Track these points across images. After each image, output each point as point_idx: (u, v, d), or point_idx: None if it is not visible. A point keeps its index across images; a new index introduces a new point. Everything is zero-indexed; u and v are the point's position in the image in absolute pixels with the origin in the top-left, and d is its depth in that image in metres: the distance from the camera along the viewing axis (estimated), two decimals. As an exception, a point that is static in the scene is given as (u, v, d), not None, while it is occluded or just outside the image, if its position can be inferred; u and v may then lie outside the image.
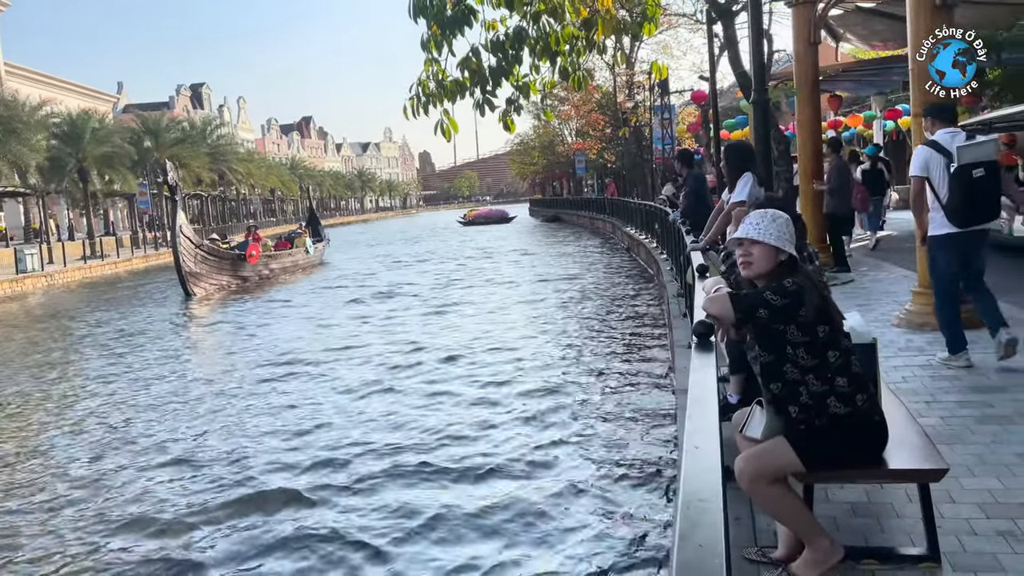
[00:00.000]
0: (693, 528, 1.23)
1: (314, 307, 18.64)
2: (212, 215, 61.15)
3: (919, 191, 5.55)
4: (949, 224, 5.34)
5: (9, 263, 30.22)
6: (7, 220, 47.61)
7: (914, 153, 5.67)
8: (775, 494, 2.85)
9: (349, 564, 5.21)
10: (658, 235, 17.73)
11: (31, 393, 11.09)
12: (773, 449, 2.86)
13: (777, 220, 2.99)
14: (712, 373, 2.14)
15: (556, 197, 69.10)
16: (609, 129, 40.83)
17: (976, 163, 5.15)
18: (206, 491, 6.64)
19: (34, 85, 53.35)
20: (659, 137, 27.06)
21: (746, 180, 5.70)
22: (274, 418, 8.88)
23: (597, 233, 37.28)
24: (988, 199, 5.25)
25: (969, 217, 5.27)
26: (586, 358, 10.85)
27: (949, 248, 5.42)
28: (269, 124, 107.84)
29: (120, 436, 8.59)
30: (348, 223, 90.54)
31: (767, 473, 2.84)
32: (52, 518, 6.30)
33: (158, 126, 49.91)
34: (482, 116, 4.52)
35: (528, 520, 5.58)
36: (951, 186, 5.25)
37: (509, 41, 4.30)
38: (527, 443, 7.29)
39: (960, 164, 5.18)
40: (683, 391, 5.65)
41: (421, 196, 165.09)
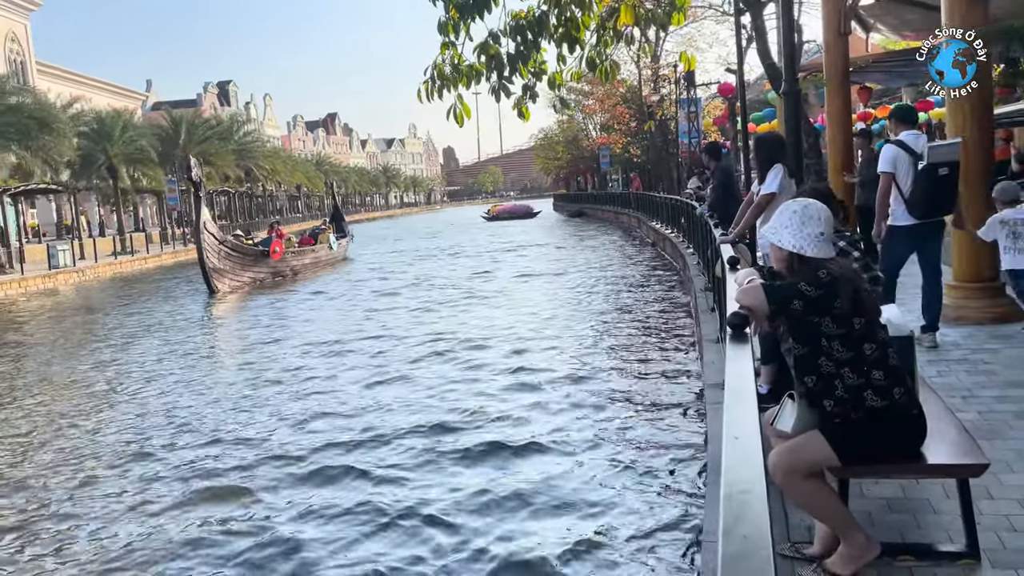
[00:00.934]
0: (737, 520, 1.20)
1: (340, 300, 18.80)
2: (239, 211, 61.71)
3: (888, 187, 5.99)
4: (909, 216, 5.86)
5: (42, 259, 30.73)
6: (39, 217, 48.42)
7: (882, 151, 6.20)
8: (810, 489, 2.81)
9: (412, 531, 5.47)
10: (684, 229, 17.60)
11: (68, 378, 11.32)
12: (808, 443, 2.82)
13: (795, 215, 2.91)
14: (748, 364, 2.11)
15: (580, 192, 68.87)
16: (634, 123, 40.60)
17: (942, 162, 5.73)
18: (264, 465, 7.07)
19: (65, 83, 54.16)
20: (685, 131, 26.84)
21: (776, 172, 5.62)
22: (305, 402, 9.12)
23: (622, 228, 37.12)
24: (947, 195, 5.83)
25: (928, 210, 5.81)
26: (613, 350, 10.81)
27: (906, 238, 5.93)
28: (295, 121, 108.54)
29: (175, 420, 8.85)
30: (373, 219, 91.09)
31: (801, 467, 2.80)
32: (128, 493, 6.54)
33: (186, 124, 50.42)
34: (497, 102, 4.51)
35: (563, 497, 5.60)
36: (916, 182, 5.82)
37: (528, 26, 4.26)
38: (557, 427, 7.35)
39: (928, 163, 5.74)
40: (712, 385, 5.62)
41: (445, 192, 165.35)
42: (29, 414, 9.69)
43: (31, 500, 6.69)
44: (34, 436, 8.68)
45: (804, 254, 2.86)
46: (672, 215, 21.43)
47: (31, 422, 9.29)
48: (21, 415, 9.68)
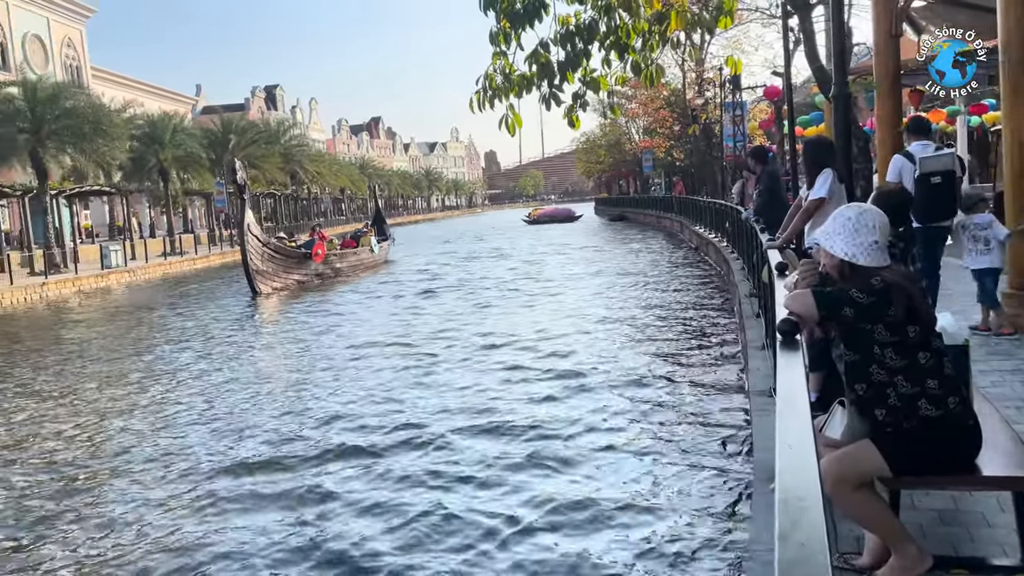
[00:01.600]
0: (794, 526, 1.20)
1: (383, 301, 19.00)
2: (284, 214, 62.71)
3: None
4: (916, 222, 6.05)
5: (95, 259, 31.60)
6: (93, 218, 49.79)
7: (891, 162, 6.72)
8: (860, 499, 2.77)
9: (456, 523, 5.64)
10: (729, 234, 17.42)
11: (119, 374, 11.64)
12: (859, 452, 2.78)
13: (848, 222, 2.88)
14: (800, 371, 2.09)
15: (622, 196, 68.54)
16: (678, 127, 40.29)
17: (935, 172, 6.17)
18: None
19: (119, 88, 55.64)
20: (730, 134, 26.56)
21: (825, 176, 5.55)
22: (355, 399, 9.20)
23: (664, 232, 36.87)
24: (943, 202, 6.23)
25: (928, 215, 6.12)
26: (656, 354, 10.75)
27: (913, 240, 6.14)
28: (339, 125, 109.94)
29: (223, 417, 9.10)
30: (415, 222, 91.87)
31: (852, 477, 2.76)
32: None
33: (235, 128, 51.41)
34: (547, 110, 4.52)
35: (606, 501, 5.58)
36: (915, 189, 6.15)
37: (578, 33, 4.27)
38: (600, 429, 7.36)
39: (921, 172, 6.19)
40: (757, 392, 5.57)
41: (486, 195, 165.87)
42: (79, 409, 10.00)
43: (78, 490, 6.93)
44: (86, 429, 8.95)
45: (856, 262, 2.83)
46: (716, 219, 21.23)
47: (84, 415, 9.58)
48: (73, 409, 9.99)
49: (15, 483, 7.22)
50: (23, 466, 7.80)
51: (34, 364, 13.59)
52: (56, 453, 8.12)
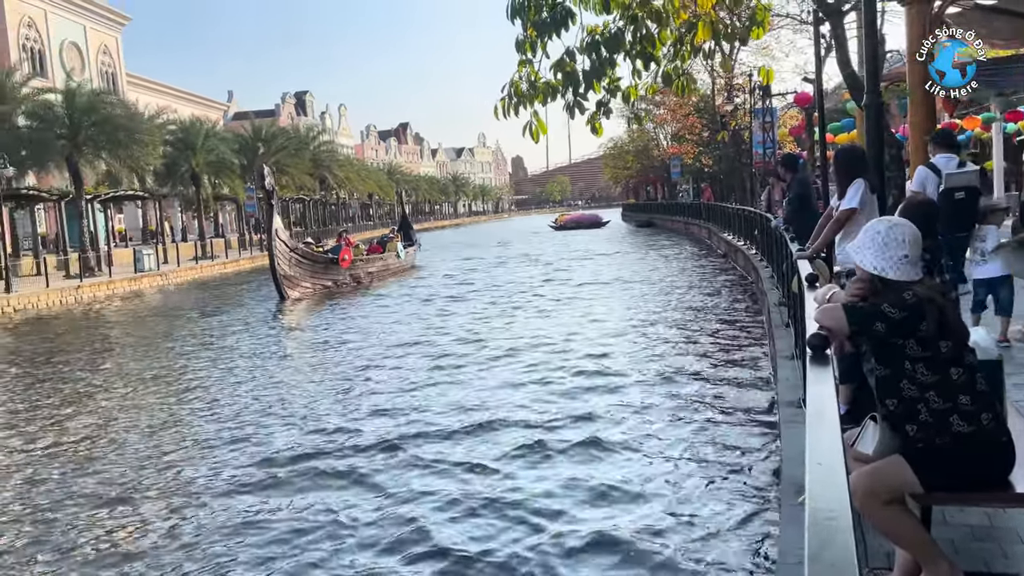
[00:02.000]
0: (823, 546, 1.21)
1: (410, 305, 19.11)
2: (313, 219, 63.31)
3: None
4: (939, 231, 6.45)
5: (128, 262, 32.14)
6: (126, 222, 50.65)
7: (916, 173, 6.96)
8: (890, 514, 2.75)
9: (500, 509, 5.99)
10: (758, 241, 17.28)
11: (151, 374, 11.84)
12: (889, 467, 2.76)
13: (878, 235, 2.86)
14: (830, 386, 2.09)
15: (650, 202, 68.29)
16: (706, 133, 40.09)
17: (959, 187, 6.43)
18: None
19: (152, 94, 56.61)
20: (759, 141, 26.37)
21: (857, 187, 5.49)
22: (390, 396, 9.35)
23: (692, 238, 36.67)
24: (965, 214, 6.45)
25: (950, 227, 6.22)
26: (683, 361, 10.71)
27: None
28: (368, 130, 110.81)
29: (258, 414, 9.32)
30: (441, 227, 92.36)
31: (882, 492, 2.74)
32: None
33: (265, 134, 52.07)
34: (571, 118, 4.54)
35: (631, 518, 5.57)
36: (939, 201, 6.26)
37: (604, 42, 4.29)
38: (627, 434, 7.36)
39: (946, 187, 6.45)
40: (786, 403, 5.53)
41: (513, 200, 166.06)
42: (114, 407, 10.19)
43: (112, 484, 7.11)
44: (118, 426, 9.12)
45: (886, 276, 2.81)
46: (745, 227, 21.07)
47: (116, 414, 9.77)
48: (108, 408, 10.19)
49: (63, 471, 7.47)
50: (74, 457, 8.09)
51: (73, 363, 13.87)
52: (107, 444, 8.36)
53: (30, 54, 45.52)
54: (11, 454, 8.47)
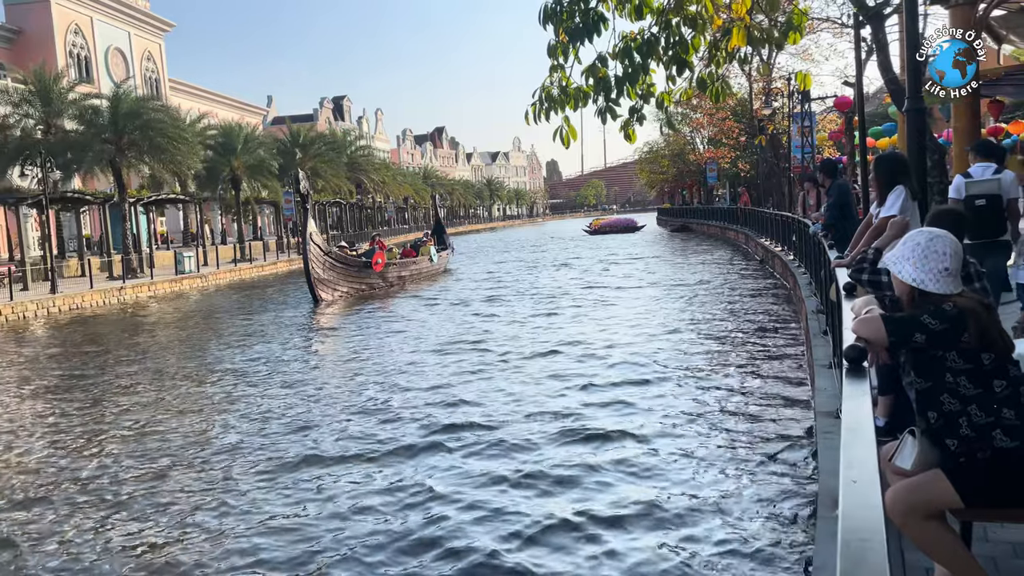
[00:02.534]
0: (855, 567, 1.18)
1: (443, 308, 19.18)
2: (349, 222, 63.92)
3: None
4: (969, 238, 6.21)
5: (169, 264, 32.76)
6: (168, 224, 51.61)
7: (953, 180, 7.08)
8: (929, 530, 2.68)
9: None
10: (796, 247, 17.05)
11: (192, 374, 12.06)
12: (928, 482, 2.69)
13: (918, 247, 2.79)
14: (867, 400, 2.04)
15: (685, 206, 67.73)
16: (743, 137, 39.66)
17: (979, 195, 6.54)
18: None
19: (194, 100, 57.69)
20: (798, 145, 26.02)
21: (898, 193, 5.38)
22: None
23: (729, 244, 36.32)
24: (990, 222, 6.50)
25: (973, 234, 6.16)
26: (719, 366, 10.61)
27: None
28: (404, 135, 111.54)
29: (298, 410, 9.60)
30: (476, 231, 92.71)
31: (921, 507, 2.68)
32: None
33: (303, 138, 52.74)
34: (603, 124, 4.52)
35: (662, 526, 5.52)
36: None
37: (637, 48, 4.26)
38: (662, 439, 7.32)
39: (967, 194, 6.57)
40: (823, 413, 5.44)
41: (547, 205, 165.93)
42: (157, 405, 10.38)
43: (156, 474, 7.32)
44: (165, 421, 9.30)
45: (925, 289, 2.75)
46: (783, 232, 20.80)
47: (161, 411, 9.95)
48: (151, 405, 10.39)
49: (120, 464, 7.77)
50: (127, 450, 8.45)
51: (117, 361, 14.17)
52: (149, 441, 8.58)
53: (77, 60, 46.67)
54: (76, 439, 8.73)
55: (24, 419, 10.39)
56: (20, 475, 7.81)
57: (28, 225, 35.55)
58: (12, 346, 17.51)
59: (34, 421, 10.24)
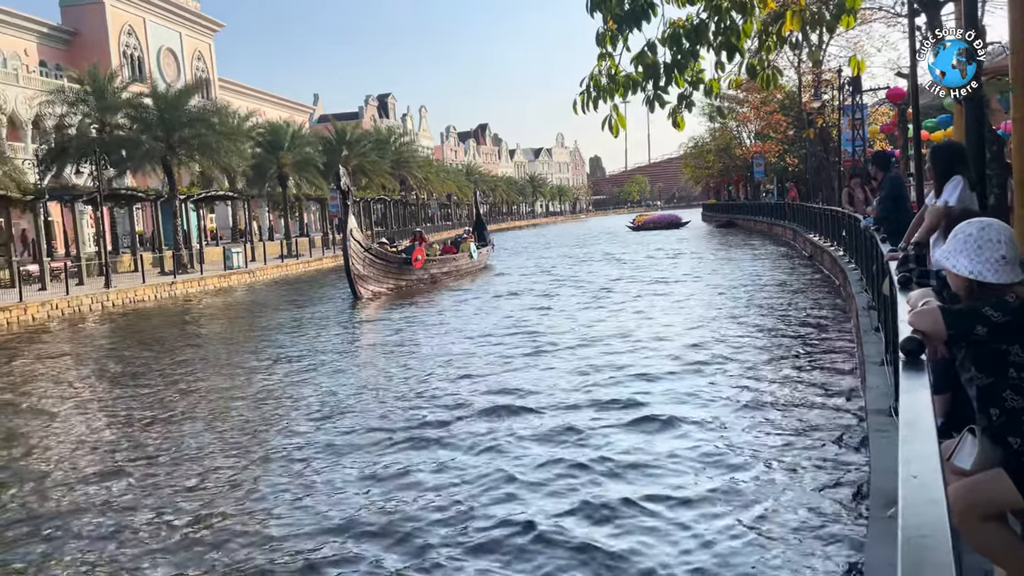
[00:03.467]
0: (917, 567, 1.11)
1: (484, 304, 19.19)
2: (394, 218, 64.45)
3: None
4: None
5: (218, 260, 33.40)
6: (217, 221, 52.66)
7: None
8: (990, 532, 2.56)
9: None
10: (845, 242, 16.67)
11: (241, 365, 12.29)
12: (990, 481, 2.57)
13: (970, 238, 2.66)
14: (926, 394, 1.94)
15: (731, 202, 66.82)
16: (791, 131, 38.93)
17: None
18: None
19: (242, 98, 58.69)
20: (848, 138, 25.41)
21: (955, 184, 5.17)
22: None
23: (776, 239, 35.74)
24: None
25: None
26: (766, 363, 10.42)
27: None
28: (448, 132, 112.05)
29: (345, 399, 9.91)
30: (517, 227, 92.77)
31: (980, 507, 2.55)
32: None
33: (348, 136, 53.31)
34: (651, 112, 4.42)
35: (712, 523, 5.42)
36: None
37: (686, 34, 4.16)
38: (708, 435, 7.22)
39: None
40: (875, 411, 5.28)
41: (590, 201, 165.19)
42: (207, 393, 10.61)
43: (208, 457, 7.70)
44: (215, 409, 9.50)
45: (984, 280, 2.61)
46: (832, 227, 20.36)
47: (212, 398, 10.18)
48: (210, 390, 10.66)
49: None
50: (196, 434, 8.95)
51: (173, 350, 14.50)
52: (203, 429, 8.86)
53: (130, 60, 47.83)
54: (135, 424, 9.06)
55: (99, 402, 11.05)
56: (101, 447, 8.58)
57: (84, 222, 36.63)
58: (76, 337, 18.15)
59: (108, 403, 10.88)
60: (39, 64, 42.81)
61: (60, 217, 36.66)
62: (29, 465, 8.03)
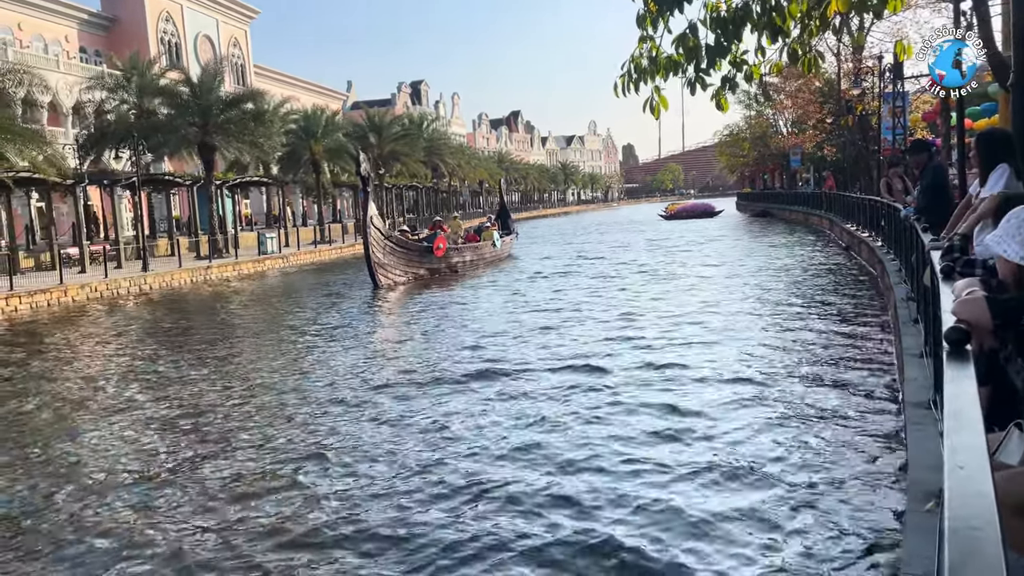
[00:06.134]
0: (966, 561, 1.07)
1: (511, 293, 19.18)
2: (425, 205, 64.66)
3: None
4: None
5: (252, 245, 33.78)
6: (252, 206, 53.24)
7: None
8: (1022, 529, 2.48)
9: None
10: (884, 233, 16.36)
11: (274, 347, 12.43)
12: (1028, 476, 2.49)
13: (1022, 222, 2.58)
14: (972, 384, 1.88)
15: (766, 191, 65.96)
16: (830, 119, 38.25)
17: None
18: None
19: (277, 85, 59.15)
20: (888, 127, 24.89)
21: (1001, 172, 5.04)
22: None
23: (812, 229, 35.23)
24: None
25: None
26: (801, 354, 10.29)
27: None
28: (480, 119, 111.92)
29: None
30: (547, 215, 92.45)
31: (1012, 501, 2.47)
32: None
33: (380, 123, 53.47)
34: (692, 94, 4.34)
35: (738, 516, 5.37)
36: None
37: (731, 16, 4.07)
38: (741, 429, 7.13)
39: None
40: (914, 404, 5.17)
41: (623, 189, 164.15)
42: (250, 364, 10.77)
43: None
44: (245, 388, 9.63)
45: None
46: (870, 217, 19.99)
47: (247, 377, 10.32)
48: (235, 373, 10.78)
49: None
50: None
51: (208, 330, 14.75)
52: (243, 404, 8.98)
53: (168, 47, 48.41)
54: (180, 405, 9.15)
55: (142, 376, 11.64)
56: (158, 416, 9.21)
57: (122, 206, 37.23)
58: (117, 318, 18.52)
59: (154, 378, 11.45)
60: (79, 51, 43.52)
61: (100, 201, 37.32)
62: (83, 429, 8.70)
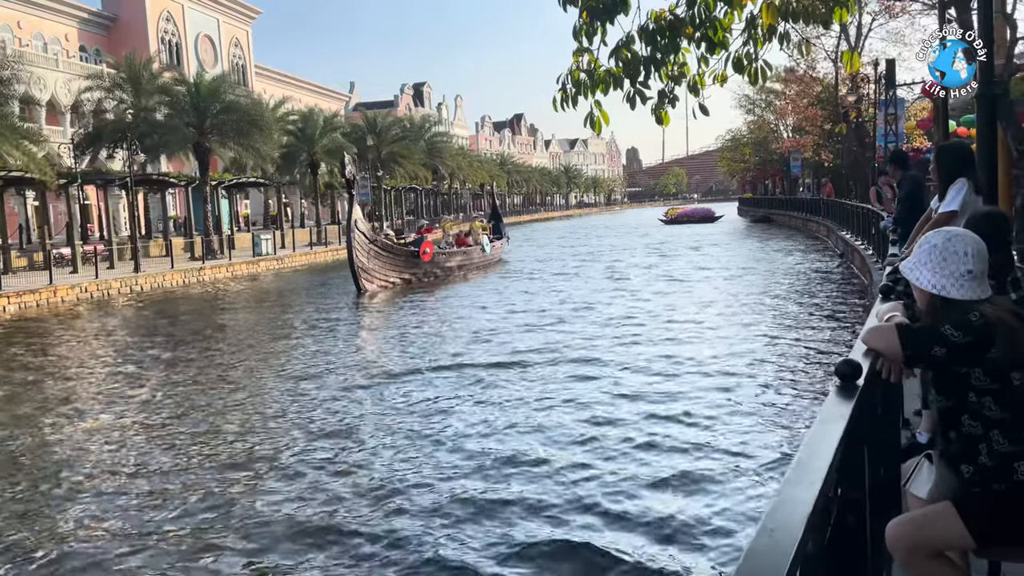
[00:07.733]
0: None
1: (506, 295, 19.09)
2: (425, 207, 64.53)
3: None
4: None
5: (248, 246, 33.70)
6: (252, 207, 53.18)
7: None
8: (936, 571, 2.36)
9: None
10: (874, 241, 16.26)
11: (264, 350, 12.36)
12: (936, 517, 2.37)
13: (935, 249, 2.46)
14: (838, 427, 1.73)
15: (767, 196, 65.77)
16: (828, 125, 38.08)
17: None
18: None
19: (278, 85, 59.11)
20: (883, 134, 24.70)
21: (959, 187, 4.88)
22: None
23: (810, 236, 35.09)
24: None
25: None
26: (781, 363, 10.19)
27: None
28: (483, 121, 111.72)
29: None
30: (548, 219, 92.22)
31: (925, 546, 2.36)
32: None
33: (379, 124, 53.35)
34: (632, 109, 4.24)
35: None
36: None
37: (662, 29, 3.96)
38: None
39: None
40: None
41: (626, 193, 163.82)
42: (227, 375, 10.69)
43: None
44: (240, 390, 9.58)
45: (947, 295, 2.41)
46: (862, 225, 19.86)
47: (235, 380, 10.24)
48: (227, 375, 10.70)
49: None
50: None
51: (191, 335, 14.68)
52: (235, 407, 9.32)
53: (168, 46, 48.39)
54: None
55: (129, 382, 11.64)
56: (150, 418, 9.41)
57: (119, 206, 37.22)
58: (103, 319, 18.43)
59: (138, 383, 11.50)
60: (79, 49, 43.51)
61: (96, 201, 37.26)
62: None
